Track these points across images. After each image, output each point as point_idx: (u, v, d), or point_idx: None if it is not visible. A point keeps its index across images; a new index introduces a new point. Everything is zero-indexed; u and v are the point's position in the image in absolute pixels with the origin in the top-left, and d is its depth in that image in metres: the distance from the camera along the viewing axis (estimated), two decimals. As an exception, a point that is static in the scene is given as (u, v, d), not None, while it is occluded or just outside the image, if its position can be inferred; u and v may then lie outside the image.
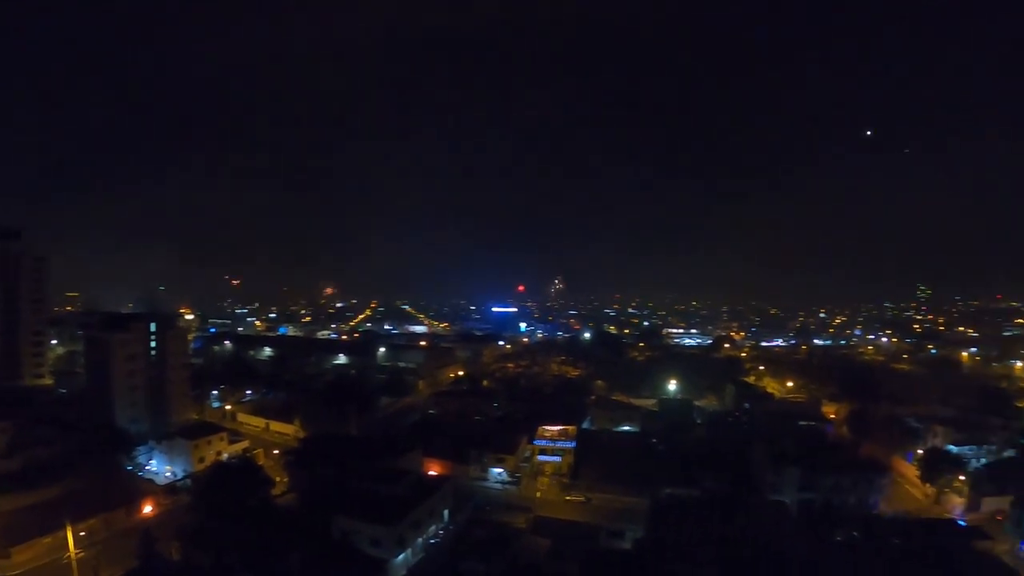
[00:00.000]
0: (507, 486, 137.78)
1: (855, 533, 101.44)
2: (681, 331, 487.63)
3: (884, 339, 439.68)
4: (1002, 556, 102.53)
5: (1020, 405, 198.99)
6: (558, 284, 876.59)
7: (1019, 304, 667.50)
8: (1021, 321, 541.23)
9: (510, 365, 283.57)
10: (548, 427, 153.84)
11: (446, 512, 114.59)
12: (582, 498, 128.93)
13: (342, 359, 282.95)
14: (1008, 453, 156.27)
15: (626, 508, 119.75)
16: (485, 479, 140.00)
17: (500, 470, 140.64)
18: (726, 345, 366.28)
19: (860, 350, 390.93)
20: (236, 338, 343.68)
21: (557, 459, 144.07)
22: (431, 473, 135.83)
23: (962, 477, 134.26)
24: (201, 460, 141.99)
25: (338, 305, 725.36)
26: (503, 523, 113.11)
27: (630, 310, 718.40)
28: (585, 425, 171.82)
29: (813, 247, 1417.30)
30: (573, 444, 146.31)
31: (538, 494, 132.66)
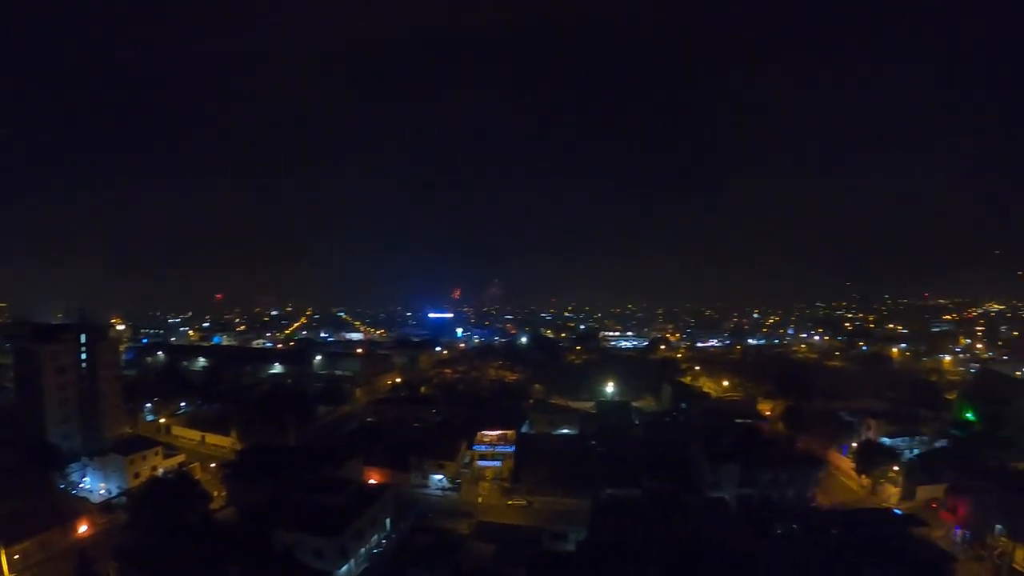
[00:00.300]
0: (448, 492, 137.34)
1: (794, 526, 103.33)
2: (617, 334, 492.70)
3: (817, 337, 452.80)
4: (938, 541, 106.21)
5: (949, 397, 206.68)
6: (494, 289, 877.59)
7: (946, 302, 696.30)
8: (948, 318, 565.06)
9: (448, 371, 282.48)
10: (487, 432, 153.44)
11: (388, 521, 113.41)
12: (524, 502, 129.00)
13: (278, 368, 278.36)
14: (940, 443, 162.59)
15: (568, 510, 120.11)
16: (426, 486, 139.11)
17: (441, 476, 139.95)
18: (662, 347, 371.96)
19: (793, 348, 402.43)
20: (169, 348, 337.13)
21: (497, 464, 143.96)
22: (372, 482, 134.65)
23: (896, 468, 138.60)
24: (136, 476, 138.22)
25: (273, 313, 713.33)
26: (446, 530, 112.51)
27: (566, 314, 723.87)
28: (524, 429, 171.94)
29: (747, 249, 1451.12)
30: (512, 448, 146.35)
31: (479, 499, 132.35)
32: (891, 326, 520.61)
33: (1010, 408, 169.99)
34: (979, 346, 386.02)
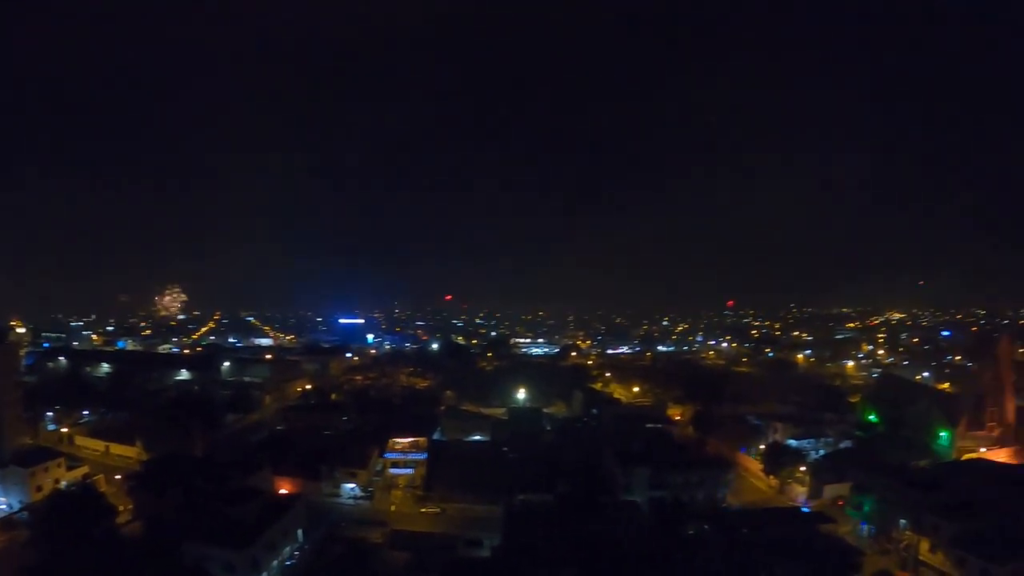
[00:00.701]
0: (361, 501, 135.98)
1: (705, 526, 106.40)
2: (528, 340, 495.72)
3: (724, 344, 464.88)
4: (845, 537, 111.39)
5: (853, 401, 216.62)
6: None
7: (849, 310, 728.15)
8: (851, 325, 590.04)
9: (358, 377, 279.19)
10: (399, 439, 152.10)
11: (300, 531, 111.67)
12: (437, 509, 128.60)
13: (185, 375, 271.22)
14: (844, 444, 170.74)
15: (482, 517, 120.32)
16: (338, 495, 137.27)
17: (353, 485, 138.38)
18: (573, 353, 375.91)
19: (702, 355, 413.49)
20: (72, 353, 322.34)
21: (409, 471, 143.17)
22: (283, 492, 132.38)
23: (803, 468, 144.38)
24: (39, 490, 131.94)
25: (180, 317, 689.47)
26: (359, 539, 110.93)
27: (478, 320, 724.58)
28: (436, 436, 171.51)
29: (657, 258, 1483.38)
30: (425, 455, 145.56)
31: (392, 507, 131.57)
32: (796, 333, 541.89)
33: (910, 411, 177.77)
34: (881, 352, 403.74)
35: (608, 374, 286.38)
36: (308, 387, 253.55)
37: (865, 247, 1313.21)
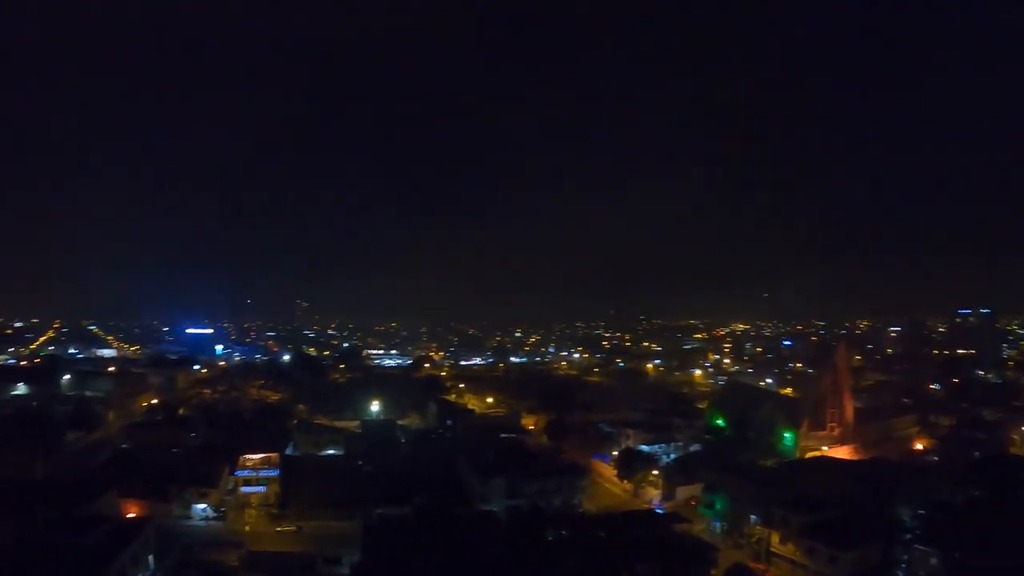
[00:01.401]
0: (213, 522, 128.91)
1: (564, 532, 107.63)
2: (381, 352, 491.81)
3: (576, 355, 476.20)
4: (699, 535, 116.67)
5: (701, 407, 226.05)
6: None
7: (696, 322, 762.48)
8: (698, 336, 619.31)
9: (207, 391, 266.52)
10: (250, 455, 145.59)
11: (151, 558, 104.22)
12: (293, 527, 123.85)
13: (21, 389, 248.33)
14: (694, 447, 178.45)
15: (339, 533, 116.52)
16: (189, 517, 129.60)
17: (204, 505, 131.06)
18: (426, 365, 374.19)
19: (555, 366, 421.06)
20: None
21: (262, 489, 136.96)
22: (131, 515, 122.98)
23: (655, 471, 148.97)
24: None
25: (16, 325, 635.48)
26: (214, 562, 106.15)
27: (330, 331, 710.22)
28: (289, 451, 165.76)
29: (509, 270, 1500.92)
30: (277, 472, 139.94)
31: (247, 527, 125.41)
32: (646, 344, 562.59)
33: (755, 414, 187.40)
34: (726, 361, 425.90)
35: (462, 385, 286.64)
36: (155, 402, 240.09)
37: (712, 262, 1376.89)
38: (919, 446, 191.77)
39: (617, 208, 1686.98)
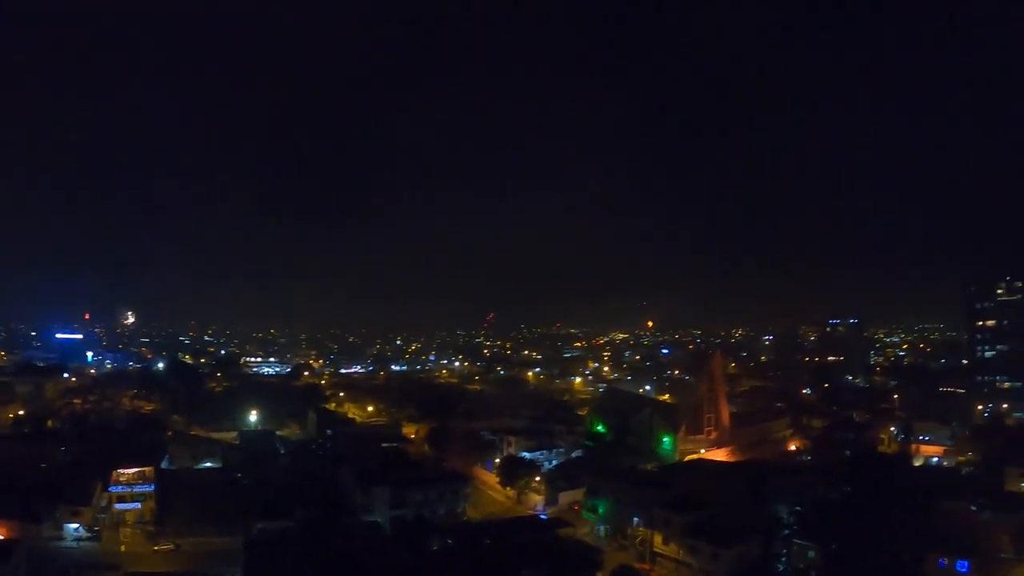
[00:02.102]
0: (87, 543, 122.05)
1: (449, 541, 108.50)
2: (259, 359, 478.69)
3: (457, 363, 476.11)
4: (584, 539, 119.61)
5: (581, 413, 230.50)
6: (128, 317, 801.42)
7: (576, 331, 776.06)
8: (578, 344, 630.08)
9: (78, 401, 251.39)
10: (124, 470, 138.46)
11: None
12: (171, 546, 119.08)
13: None
14: (576, 453, 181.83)
15: (220, 550, 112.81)
16: (62, 538, 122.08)
17: (77, 525, 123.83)
18: (306, 373, 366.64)
19: (435, 374, 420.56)
20: None
21: (138, 505, 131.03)
22: None
23: (538, 478, 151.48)
24: None
25: None
26: None
27: (206, 338, 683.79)
28: (164, 464, 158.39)
29: (391, 278, 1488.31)
30: (153, 487, 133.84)
31: (123, 548, 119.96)
32: (527, 352, 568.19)
33: (634, 420, 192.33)
34: (606, 369, 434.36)
35: (342, 394, 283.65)
36: (21, 413, 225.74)
37: (591, 271, 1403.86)
38: (793, 447, 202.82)
39: (498, 217, 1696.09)
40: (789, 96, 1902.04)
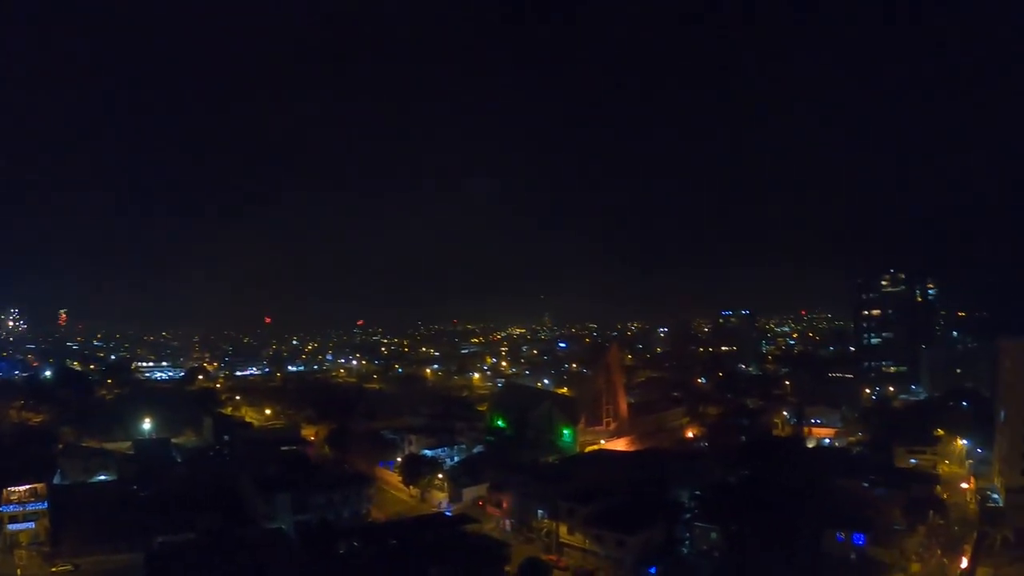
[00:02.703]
0: None
1: (355, 543, 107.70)
2: (152, 364, 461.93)
3: (355, 362, 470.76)
4: (490, 534, 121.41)
5: (481, 409, 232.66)
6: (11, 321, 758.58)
7: (473, 327, 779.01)
8: (476, 340, 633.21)
9: None
10: (14, 488, 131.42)
11: None
12: (69, 566, 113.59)
13: None
14: (477, 449, 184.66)
15: (121, 568, 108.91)
16: None
17: None
18: (200, 376, 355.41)
19: (333, 373, 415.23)
20: None
21: (31, 525, 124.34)
22: None
23: (440, 475, 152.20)
24: None
25: None
26: None
27: (95, 342, 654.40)
28: (57, 480, 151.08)
29: (287, 277, 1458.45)
30: (46, 504, 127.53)
31: (19, 572, 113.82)
32: (424, 349, 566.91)
33: (534, 414, 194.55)
34: (504, 364, 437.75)
35: (238, 397, 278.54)
36: None
37: (487, 269, 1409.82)
38: (690, 434, 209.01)
39: (395, 214, 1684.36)
40: (680, 95, 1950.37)
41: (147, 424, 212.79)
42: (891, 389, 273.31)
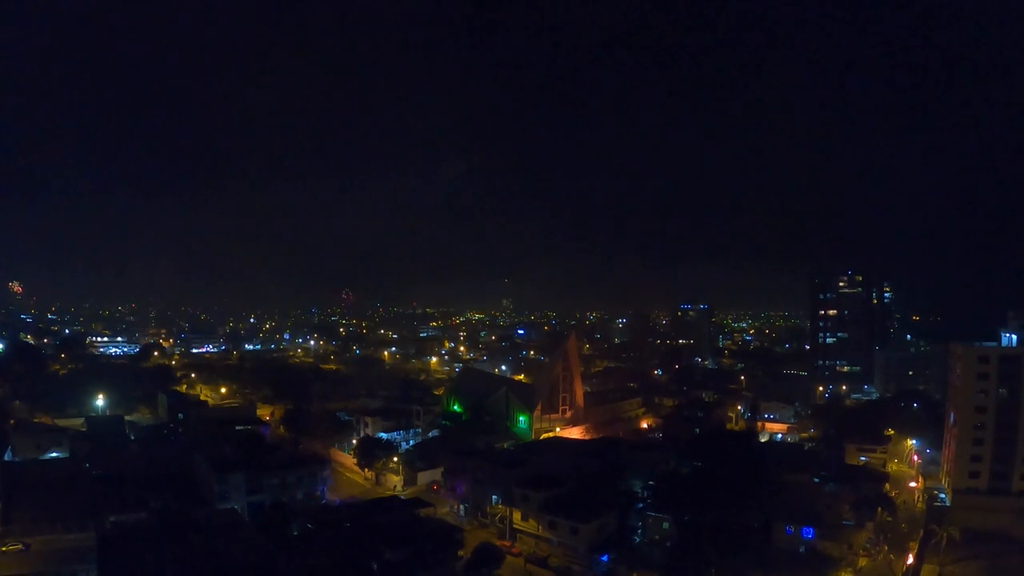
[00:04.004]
0: None
1: (309, 525, 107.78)
2: (107, 339, 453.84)
3: (312, 342, 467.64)
4: (444, 518, 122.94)
5: (437, 393, 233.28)
6: None
7: (432, 310, 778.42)
8: (434, 324, 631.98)
9: None
10: None
11: None
12: (19, 546, 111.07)
13: None
14: (433, 433, 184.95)
15: (73, 547, 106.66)
16: None
17: None
18: (155, 353, 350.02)
19: (290, 353, 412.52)
20: None
21: None
22: None
23: (396, 459, 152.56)
24: None
25: None
26: None
27: (49, 316, 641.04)
28: (8, 457, 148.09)
29: (244, 254, 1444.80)
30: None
31: None
32: (383, 331, 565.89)
33: (490, 399, 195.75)
34: (462, 349, 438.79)
35: (194, 375, 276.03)
36: None
37: (448, 253, 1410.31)
38: (645, 425, 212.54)
39: (358, 197, 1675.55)
40: (648, 91, 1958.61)
41: (101, 401, 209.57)
42: (844, 388, 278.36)
